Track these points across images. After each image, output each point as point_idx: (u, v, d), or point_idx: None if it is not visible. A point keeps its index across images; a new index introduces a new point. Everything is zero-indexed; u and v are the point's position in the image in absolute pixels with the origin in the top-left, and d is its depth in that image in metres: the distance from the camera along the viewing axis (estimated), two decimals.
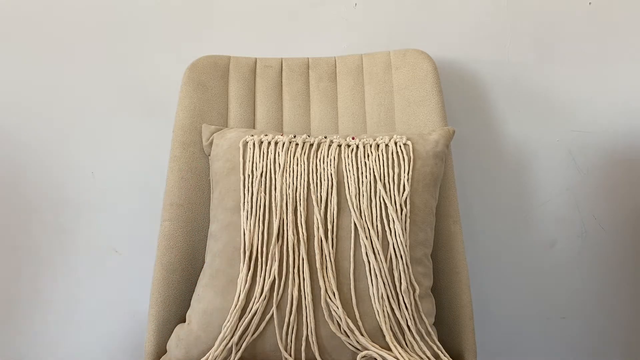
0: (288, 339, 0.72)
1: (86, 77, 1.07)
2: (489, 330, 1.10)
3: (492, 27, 1.07)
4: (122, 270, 1.09)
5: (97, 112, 1.08)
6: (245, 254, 0.74)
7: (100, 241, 1.09)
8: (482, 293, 1.09)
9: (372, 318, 0.72)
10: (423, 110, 0.93)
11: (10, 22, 1.06)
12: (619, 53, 1.07)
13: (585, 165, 1.09)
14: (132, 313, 1.10)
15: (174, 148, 0.90)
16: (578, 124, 1.08)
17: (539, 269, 1.11)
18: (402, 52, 0.97)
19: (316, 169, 0.79)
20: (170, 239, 0.86)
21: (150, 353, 0.83)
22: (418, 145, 0.81)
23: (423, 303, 0.76)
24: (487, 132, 1.08)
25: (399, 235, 0.75)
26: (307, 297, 0.72)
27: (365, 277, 0.73)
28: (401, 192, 0.77)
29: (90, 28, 1.07)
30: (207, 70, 0.95)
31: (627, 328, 1.12)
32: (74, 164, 1.08)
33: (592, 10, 1.06)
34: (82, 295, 1.10)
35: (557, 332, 1.12)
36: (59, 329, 1.10)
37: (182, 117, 0.92)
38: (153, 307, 0.84)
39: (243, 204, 0.77)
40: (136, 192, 1.08)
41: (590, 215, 1.09)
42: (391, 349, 0.71)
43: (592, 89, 1.07)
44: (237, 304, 0.73)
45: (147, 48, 1.07)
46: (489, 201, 1.10)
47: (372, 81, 0.97)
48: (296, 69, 0.98)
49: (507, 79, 1.08)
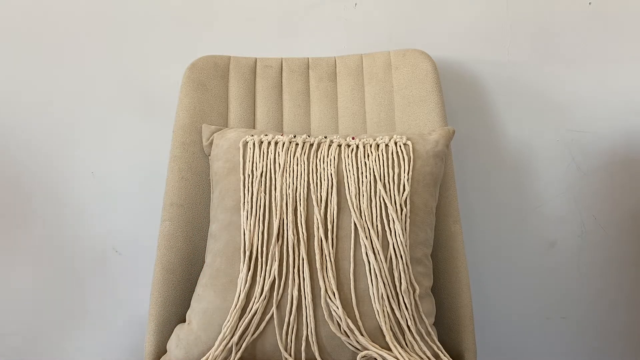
0: (288, 339, 0.72)
1: (86, 77, 1.07)
2: (489, 330, 1.10)
3: (492, 27, 1.07)
4: (122, 270, 1.10)
5: (97, 112, 1.08)
6: (245, 254, 0.74)
7: (100, 241, 1.09)
8: (482, 293, 1.09)
9: (372, 318, 0.72)
10: (423, 110, 0.93)
11: (10, 22, 1.06)
12: (619, 53, 1.07)
13: (585, 165, 1.09)
14: (132, 313, 1.10)
15: (174, 148, 0.90)
16: (578, 124, 1.08)
17: (539, 269, 1.11)
18: (402, 52, 0.97)
19: (316, 169, 0.79)
20: (170, 239, 0.86)
21: (150, 353, 0.83)
22: (418, 145, 0.81)
23: (423, 303, 0.76)
24: (487, 132, 1.08)
25: (399, 235, 0.75)
26: (307, 297, 0.72)
27: (365, 277, 0.73)
28: (401, 192, 0.77)
29: (91, 28, 1.07)
30: (207, 70, 0.95)
31: (627, 328, 1.12)
32: (74, 164, 1.08)
33: (592, 10, 1.06)
34: (82, 295, 1.10)
35: (557, 332, 1.12)
36: (58, 329, 1.10)
37: (182, 117, 0.92)
38: (153, 307, 0.84)
39: (243, 204, 0.77)
40: (136, 192, 1.08)
41: (590, 215, 1.09)
42: (391, 349, 0.71)
43: (592, 89, 1.07)
44: (237, 303, 0.73)
45: (147, 48, 1.07)
46: (489, 201, 1.10)
47: (372, 81, 0.97)
48: (296, 69, 0.98)
49: (507, 79, 1.08)
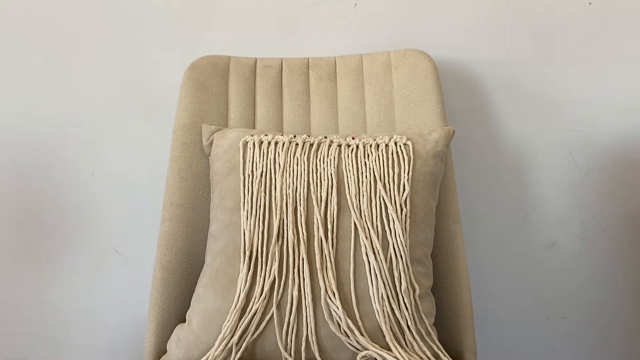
0: (288, 339, 0.72)
1: (86, 77, 1.07)
2: (489, 330, 1.10)
3: (492, 27, 1.07)
4: (122, 270, 1.09)
5: (97, 112, 1.08)
6: (245, 254, 0.74)
7: (100, 241, 1.09)
8: (482, 293, 1.09)
9: (372, 318, 0.72)
10: (423, 110, 0.93)
11: (10, 22, 1.06)
12: (619, 53, 1.07)
13: (585, 165, 1.08)
14: (132, 313, 1.10)
15: (174, 148, 0.90)
16: (578, 124, 1.08)
17: (539, 269, 1.10)
18: (402, 52, 0.97)
19: (316, 169, 0.79)
20: (170, 239, 0.86)
21: (150, 353, 0.83)
22: (418, 145, 0.81)
23: (423, 303, 0.76)
24: (487, 132, 1.08)
25: (399, 235, 0.75)
26: (307, 297, 0.72)
27: (365, 277, 0.73)
28: (401, 192, 0.77)
29: (91, 28, 1.07)
30: (207, 70, 0.95)
31: (627, 328, 1.12)
32: (74, 164, 1.08)
33: (592, 10, 1.06)
34: (82, 296, 1.10)
35: (557, 332, 1.12)
36: (59, 329, 1.10)
37: (182, 117, 0.92)
38: (153, 307, 0.84)
39: (243, 204, 0.77)
40: (136, 192, 1.08)
41: (590, 215, 1.09)
42: (391, 349, 0.71)
43: (591, 89, 1.07)
44: (237, 304, 0.72)
45: (147, 48, 1.07)
46: (489, 201, 1.09)
47: (372, 81, 0.97)
48: (296, 69, 0.98)
49: (507, 79, 1.08)
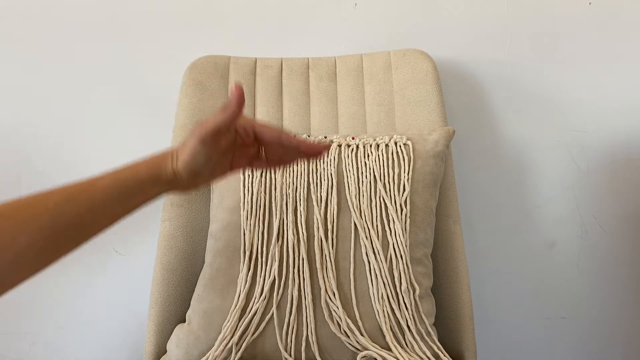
0: (288, 339, 0.72)
1: (86, 77, 1.07)
2: (489, 330, 1.10)
3: (492, 27, 1.07)
4: (122, 270, 1.09)
5: (97, 112, 1.08)
6: (245, 254, 0.74)
7: (100, 241, 1.09)
8: (482, 293, 1.09)
9: (372, 318, 0.72)
10: (423, 110, 0.93)
11: (10, 22, 1.06)
12: (619, 53, 1.07)
13: (585, 165, 1.08)
14: (132, 313, 1.10)
15: None
16: (578, 124, 1.08)
17: (539, 269, 1.10)
18: (402, 52, 0.96)
19: (316, 169, 0.79)
20: (170, 239, 0.86)
21: (150, 353, 0.82)
22: (418, 145, 0.81)
23: (423, 303, 0.76)
24: (487, 132, 1.08)
25: (399, 235, 0.75)
26: (307, 297, 0.72)
27: (365, 277, 0.73)
28: (401, 192, 0.77)
29: (90, 28, 1.07)
30: (207, 70, 0.95)
31: (627, 328, 1.12)
32: (74, 164, 1.08)
33: (592, 10, 1.06)
34: (82, 295, 1.10)
35: (557, 332, 1.12)
36: (59, 329, 1.10)
37: (182, 117, 0.92)
38: (153, 307, 0.84)
39: (243, 203, 0.77)
40: None
41: (590, 215, 1.09)
42: (391, 349, 0.71)
43: (592, 89, 1.07)
44: (237, 304, 0.73)
45: (147, 48, 1.07)
46: (489, 201, 1.09)
47: (372, 81, 0.97)
48: (296, 69, 0.98)
49: (507, 79, 1.08)
